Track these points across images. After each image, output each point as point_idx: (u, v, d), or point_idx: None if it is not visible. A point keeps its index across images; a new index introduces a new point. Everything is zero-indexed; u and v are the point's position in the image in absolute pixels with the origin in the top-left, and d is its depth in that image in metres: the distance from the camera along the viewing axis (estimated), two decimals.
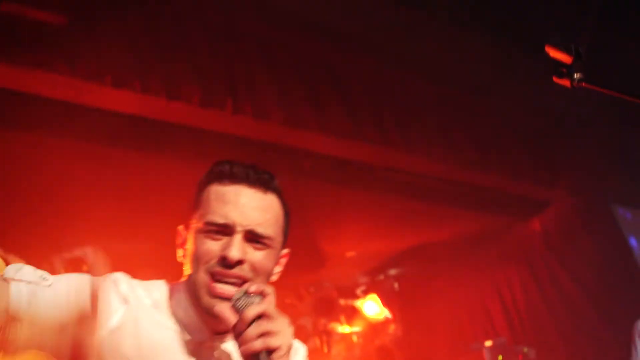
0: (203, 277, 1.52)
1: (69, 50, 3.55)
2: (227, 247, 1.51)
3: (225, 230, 1.53)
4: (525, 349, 5.27)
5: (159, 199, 4.32)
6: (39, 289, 1.45)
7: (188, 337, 1.57)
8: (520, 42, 4.49)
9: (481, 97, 5.11)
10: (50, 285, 1.48)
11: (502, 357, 5.03)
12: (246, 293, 1.45)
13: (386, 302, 6.67)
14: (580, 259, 6.15)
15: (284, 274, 1.72)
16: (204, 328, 1.58)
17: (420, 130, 4.96)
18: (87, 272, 4.78)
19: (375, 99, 4.75)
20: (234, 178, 1.58)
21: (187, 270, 1.60)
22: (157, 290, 1.65)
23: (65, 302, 1.48)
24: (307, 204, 5.23)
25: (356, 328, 6.71)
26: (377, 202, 5.51)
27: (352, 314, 6.77)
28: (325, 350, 6.12)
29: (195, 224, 1.58)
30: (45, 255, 4.56)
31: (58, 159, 3.98)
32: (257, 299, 1.44)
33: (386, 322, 6.71)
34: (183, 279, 1.64)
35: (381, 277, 6.92)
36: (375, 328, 6.74)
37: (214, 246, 1.53)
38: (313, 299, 6.63)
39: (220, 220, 1.53)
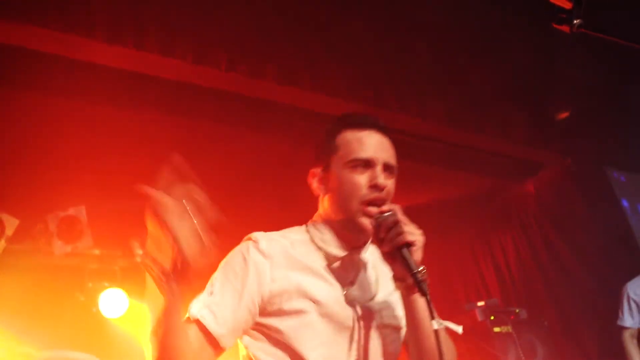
0: (357, 203, 1.89)
1: (61, 3, 3.52)
2: (374, 177, 1.90)
3: (368, 164, 1.92)
4: (517, 310, 5.35)
5: (152, 155, 4.34)
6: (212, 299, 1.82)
7: (331, 254, 1.96)
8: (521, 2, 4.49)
9: (476, 57, 5.10)
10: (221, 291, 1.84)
11: (494, 317, 5.11)
12: (381, 212, 1.85)
13: None
14: (573, 221, 6.23)
15: None
16: (344, 245, 1.96)
17: (414, 90, 4.97)
18: (81, 230, 4.86)
19: (368, 59, 4.74)
20: (365, 125, 1.99)
21: (326, 203, 1.99)
22: (294, 233, 2.02)
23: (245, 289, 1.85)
24: (302, 163, 5.26)
25: None
26: None
27: None
28: None
29: (338, 163, 1.96)
30: (40, 213, 4.59)
31: (52, 117, 3.98)
32: (390, 214, 1.83)
33: None
34: (319, 214, 2.03)
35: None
36: None
37: (361, 179, 1.90)
38: None
39: (365, 156, 1.93)
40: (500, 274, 6.59)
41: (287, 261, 1.90)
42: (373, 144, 1.96)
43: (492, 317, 5.08)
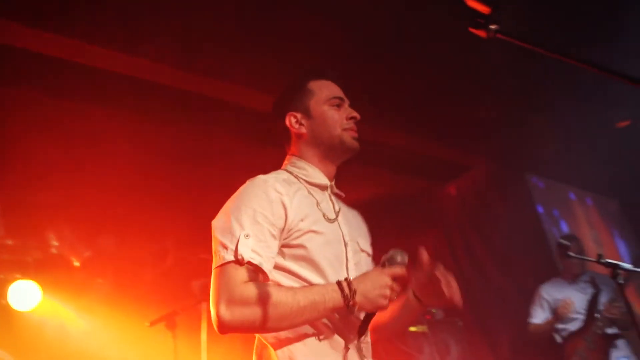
0: (340, 130, 2.32)
1: None
2: (350, 111, 2.37)
3: (341, 102, 2.38)
4: (434, 310, 5.49)
5: (69, 144, 4.32)
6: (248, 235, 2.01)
7: (315, 183, 2.32)
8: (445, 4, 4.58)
9: (404, 58, 5.19)
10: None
11: None
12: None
13: None
14: (492, 224, 6.41)
15: (199, 228, 2.08)
16: (323, 177, 2.35)
17: (345, 89, 5.01)
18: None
19: (297, 55, 4.76)
20: (328, 75, 2.47)
21: (308, 138, 2.35)
22: (279, 174, 2.27)
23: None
24: (231, 156, 5.27)
25: None
26: None
27: None
28: None
29: (318, 103, 2.36)
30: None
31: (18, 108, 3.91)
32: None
33: None
34: (293, 155, 2.37)
35: None
36: None
37: (340, 113, 2.35)
38: None
39: (339, 95, 2.41)
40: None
41: (292, 195, 2.15)
42: (337, 90, 2.43)
43: None
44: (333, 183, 2.40)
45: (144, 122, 4.70)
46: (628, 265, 4.00)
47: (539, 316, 5.23)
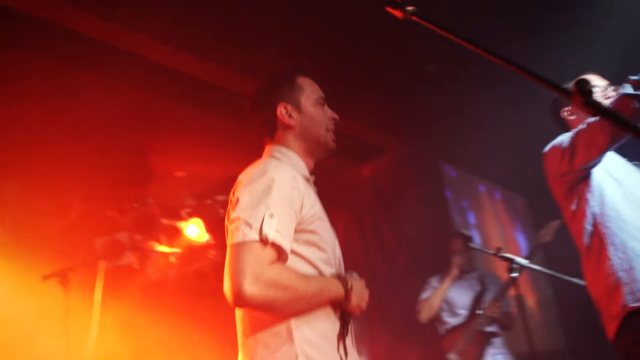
0: (324, 131, 2.46)
1: None
2: (332, 113, 2.52)
3: (324, 102, 2.52)
4: None
5: None
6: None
7: (304, 176, 2.36)
8: None
9: (327, 34, 5.17)
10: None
11: None
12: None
13: (210, 227, 6.70)
14: (402, 208, 6.50)
15: (109, 185, 2.00)
16: (306, 167, 2.45)
17: (265, 57, 4.96)
18: None
19: (216, 17, 4.67)
20: (312, 74, 2.57)
21: (296, 132, 2.45)
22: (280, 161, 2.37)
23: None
24: (142, 115, 5.14)
25: (175, 249, 6.71)
26: (215, 125, 5.50)
27: (174, 234, 6.75)
28: (137, 266, 6.09)
29: (309, 100, 2.48)
30: None
31: None
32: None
33: (207, 247, 6.76)
34: (278, 145, 2.45)
35: (208, 201, 6.92)
36: (195, 252, 6.77)
37: (325, 114, 2.49)
38: (135, 214, 6.53)
39: (323, 95, 2.53)
40: None
41: (301, 181, 2.27)
42: (320, 89, 2.55)
43: None
44: (312, 177, 2.49)
45: (54, 68, 4.51)
46: (523, 261, 4.17)
47: (425, 294, 5.37)
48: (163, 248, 6.64)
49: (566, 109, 3.55)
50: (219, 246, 6.91)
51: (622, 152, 3.43)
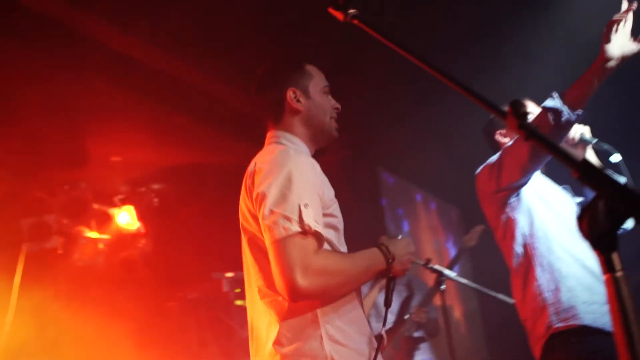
0: (328, 118, 2.51)
1: None
2: (335, 102, 2.56)
3: (329, 91, 2.57)
4: None
5: None
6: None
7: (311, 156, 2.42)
8: None
9: (272, 38, 5.12)
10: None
11: (240, 290, 5.19)
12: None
13: (142, 215, 6.55)
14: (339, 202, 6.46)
15: (40, 166, 1.92)
16: (310, 153, 2.45)
17: (209, 45, 4.87)
18: None
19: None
20: (315, 65, 2.60)
21: (302, 117, 2.48)
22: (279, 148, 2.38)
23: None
24: (79, 95, 4.99)
25: (105, 236, 6.53)
26: (155, 112, 5.38)
27: (104, 221, 6.56)
28: (61, 251, 5.89)
29: (316, 88, 2.53)
30: None
31: None
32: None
33: (137, 235, 6.60)
34: (283, 130, 2.48)
35: (143, 189, 6.76)
36: (124, 239, 6.60)
37: (330, 102, 2.54)
38: (65, 197, 6.32)
39: (329, 85, 2.56)
40: None
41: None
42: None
43: (237, 290, 5.15)
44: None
45: None
46: (452, 273, 4.21)
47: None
48: (92, 234, 6.46)
49: (500, 131, 3.57)
50: (150, 236, 6.77)
51: (552, 175, 3.48)
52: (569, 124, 2.81)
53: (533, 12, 5.04)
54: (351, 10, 1.76)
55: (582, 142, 3.34)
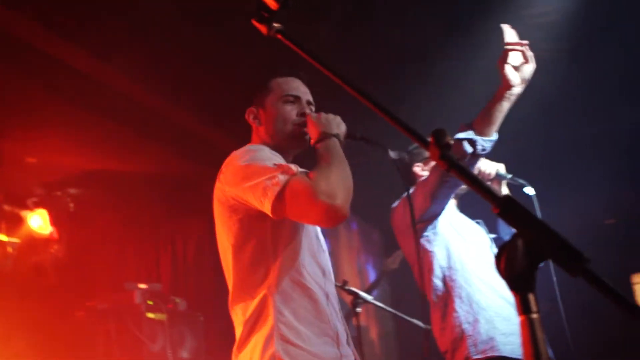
0: (290, 126, 2.52)
1: None
2: (302, 108, 2.56)
3: (296, 99, 2.58)
4: (178, 300, 5.36)
5: None
6: None
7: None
8: None
9: (199, 44, 5.02)
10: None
11: (153, 302, 5.02)
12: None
13: (56, 220, 6.30)
14: None
15: None
16: (284, 157, 2.42)
17: (138, 54, 4.73)
18: None
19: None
20: (290, 73, 2.66)
21: (263, 132, 2.58)
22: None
23: None
24: None
25: (14, 239, 6.23)
26: (77, 115, 5.19)
27: (15, 223, 6.28)
28: None
29: (273, 100, 2.58)
30: None
31: None
32: None
33: (50, 240, 6.34)
34: (257, 140, 2.61)
35: (58, 193, 6.51)
36: (36, 244, 6.33)
37: (292, 110, 2.55)
38: None
39: (294, 93, 2.59)
40: (175, 261, 6.56)
41: None
42: (297, 86, 2.62)
43: (149, 302, 4.98)
44: None
45: None
46: (368, 297, 4.18)
47: None
48: (1, 236, 6.17)
49: (418, 164, 3.55)
50: (63, 242, 6.52)
51: (465, 210, 3.51)
52: (483, 153, 2.86)
53: (463, 39, 5.09)
54: (275, 24, 1.70)
55: (498, 178, 3.39)
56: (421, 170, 3.54)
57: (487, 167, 3.32)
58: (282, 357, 2.15)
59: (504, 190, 3.45)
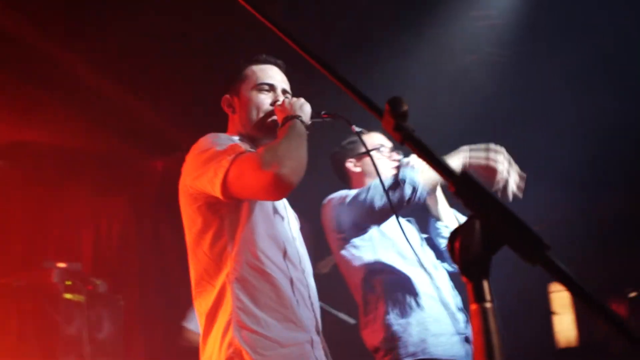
0: (261, 114, 2.52)
1: None
2: (276, 97, 2.56)
3: (271, 87, 2.58)
4: (98, 282, 5.17)
5: None
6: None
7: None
8: None
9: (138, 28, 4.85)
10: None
11: (72, 282, 4.80)
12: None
13: None
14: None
15: None
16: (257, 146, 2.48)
17: (79, 27, 4.52)
18: None
19: None
20: (267, 61, 2.65)
21: (237, 120, 2.58)
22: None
23: None
24: None
25: None
26: (5, 81, 4.89)
27: None
28: None
29: (247, 88, 2.57)
30: None
31: None
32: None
33: None
34: (231, 129, 2.63)
35: None
36: None
37: (266, 98, 2.55)
38: None
39: (269, 81, 2.58)
40: (99, 241, 6.31)
41: None
42: (273, 74, 2.61)
43: (68, 282, 4.76)
44: None
45: None
46: None
47: (194, 324, 5.10)
48: None
49: (351, 159, 3.45)
50: None
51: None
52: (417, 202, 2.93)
53: (408, 34, 5.04)
54: None
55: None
56: (354, 167, 3.44)
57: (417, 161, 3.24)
58: (239, 343, 2.14)
59: (439, 195, 3.40)
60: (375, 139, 3.37)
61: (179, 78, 5.44)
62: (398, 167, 3.09)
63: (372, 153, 3.15)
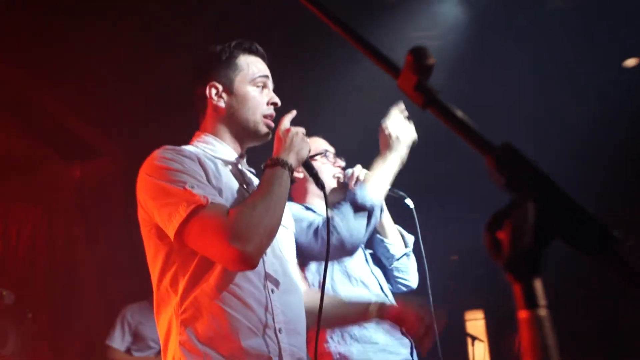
0: (259, 116, 2.22)
1: None
2: (272, 96, 2.26)
3: (265, 84, 2.28)
4: (5, 292, 4.89)
5: None
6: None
7: (229, 162, 2.22)
8: None
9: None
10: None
11: None
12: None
13: None
14: (106, 223, 6.05)
15: None
16: (232, 153, 2.24)
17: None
18: None
19: None
20: (258, 52, 2.32)
21: (225, 115, 2.22)
22: (188, 148, 2.15)
23: None
24: None
25: None
26: None
27: None
28: None
29: (243, 81, 2.23)
30: None
31: None
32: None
33: None
34: (204, 131, 2.27)
35: None
36: None
37: (263, 96, 2.25)
38: None
39: (267, 73, 2.29)
40: (5, 249, 5.86)
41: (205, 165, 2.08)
42: (265, 69, 2.31)
43: None
44: (244, 160, 2.32)
45: None
46: None
47: (117, 341, 4.84)
48: None
49: None
50: None
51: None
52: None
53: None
54: None
55: None
56: (295, 172, 3.23)
57: (362, 173, 3.05)
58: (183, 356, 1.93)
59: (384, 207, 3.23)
60: (319, 144, 3.17)
61: (102, 79, 5.16)
62: (345, 185, 3.02)
63: (317, 158, 2.98)
